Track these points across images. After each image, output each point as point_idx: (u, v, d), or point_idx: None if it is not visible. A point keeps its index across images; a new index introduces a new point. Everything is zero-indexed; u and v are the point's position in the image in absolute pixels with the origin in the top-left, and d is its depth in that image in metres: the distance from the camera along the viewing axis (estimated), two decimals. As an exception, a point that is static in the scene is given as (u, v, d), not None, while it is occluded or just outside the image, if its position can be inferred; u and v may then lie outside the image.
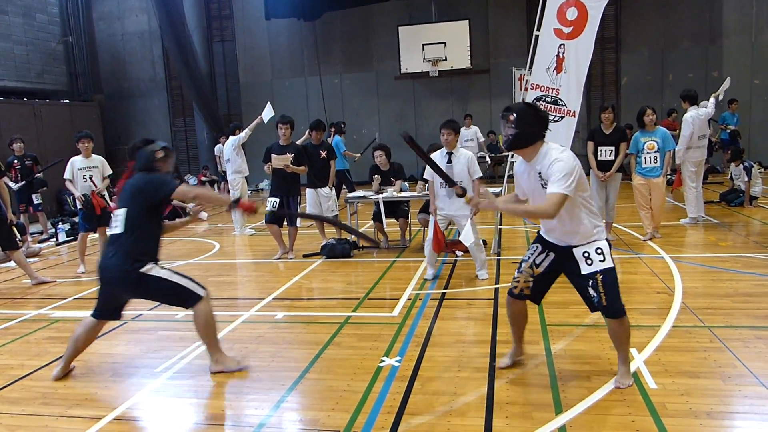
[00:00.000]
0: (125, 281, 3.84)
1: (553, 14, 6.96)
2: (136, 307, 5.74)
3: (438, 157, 5.98)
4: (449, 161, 5.98)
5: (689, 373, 3.60)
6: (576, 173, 3.19)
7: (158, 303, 4.20)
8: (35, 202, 10.22)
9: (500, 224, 7.70)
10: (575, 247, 3.36)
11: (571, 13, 6.85)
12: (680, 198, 9.44)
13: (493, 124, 15.32)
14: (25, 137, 10.12)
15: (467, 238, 5.67)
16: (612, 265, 3.32)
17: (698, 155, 8.31)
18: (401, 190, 7.57)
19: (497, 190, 7.77)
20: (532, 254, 3.59)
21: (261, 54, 17.08)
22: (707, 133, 8.53)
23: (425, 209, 7.40)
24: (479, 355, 4.08)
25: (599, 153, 7.30)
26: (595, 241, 3.34)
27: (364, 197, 7.81)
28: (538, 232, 3.63)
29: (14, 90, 14.05)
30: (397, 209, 7.76)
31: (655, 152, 7.13)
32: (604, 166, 7.27)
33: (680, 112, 9.45)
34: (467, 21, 14.91)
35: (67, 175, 7.42)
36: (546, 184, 3.27)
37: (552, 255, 3.50)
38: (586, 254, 3.33)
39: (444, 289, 5.82)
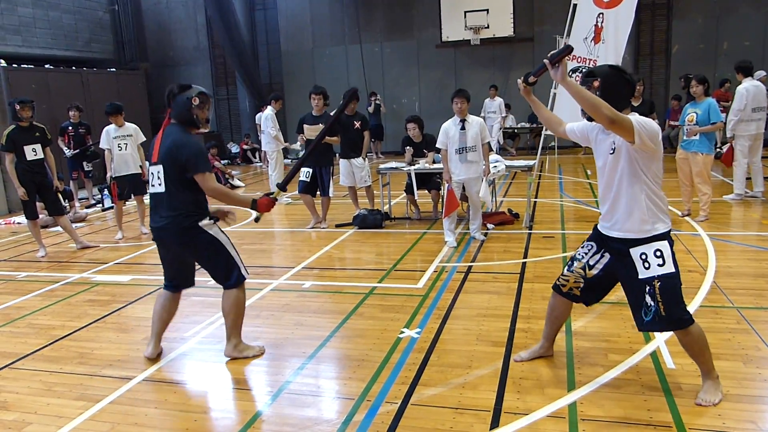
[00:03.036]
0: (181, 236, 3.65)
1: (593, -19, 6.70)
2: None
3: (451, 124, 6.36)
4: (463, 128, 6.29)
5: (710, 355, 3.52)
6: (655, 136, 2.84)
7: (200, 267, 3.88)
8: (86, 169, 10.64)
9: (536, 197, 7.59)
10: (633, 246, 2.98)
11: (612, -20, 6.58)
12: (728, 173, 9.05)
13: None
14: (74, 105, 10.50)
15: (485, 197, 6.49)
16: (673, 271, 2.92)
17: (753, 128, 7.96)
18: (434, 162, 7.54)
19: (532, 163, 7.64)
20: (585, 254, 3.26)
21: (302, 22, 17.06)
22: (764, 106, 8.11)
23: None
24: (499, 329, 4.10)
25: None
26: (653, 240, 2.95)
27: (396, 168, 7.82)
28: (594, 227, 3.28)
29: (63, 58, 14.49)
30: (429, 181, 7.76)
31: (694, 125, 6.80)
32: None
33: (734, 83, 8.96)
34: (511, -13, 14.49)
35: (103, 145, 7.80)
36: (614, 152, 2.97)
37: (607, 256, 3.16)
38: (643, 256, 2.96)
39: (471, 262, 5.83)
